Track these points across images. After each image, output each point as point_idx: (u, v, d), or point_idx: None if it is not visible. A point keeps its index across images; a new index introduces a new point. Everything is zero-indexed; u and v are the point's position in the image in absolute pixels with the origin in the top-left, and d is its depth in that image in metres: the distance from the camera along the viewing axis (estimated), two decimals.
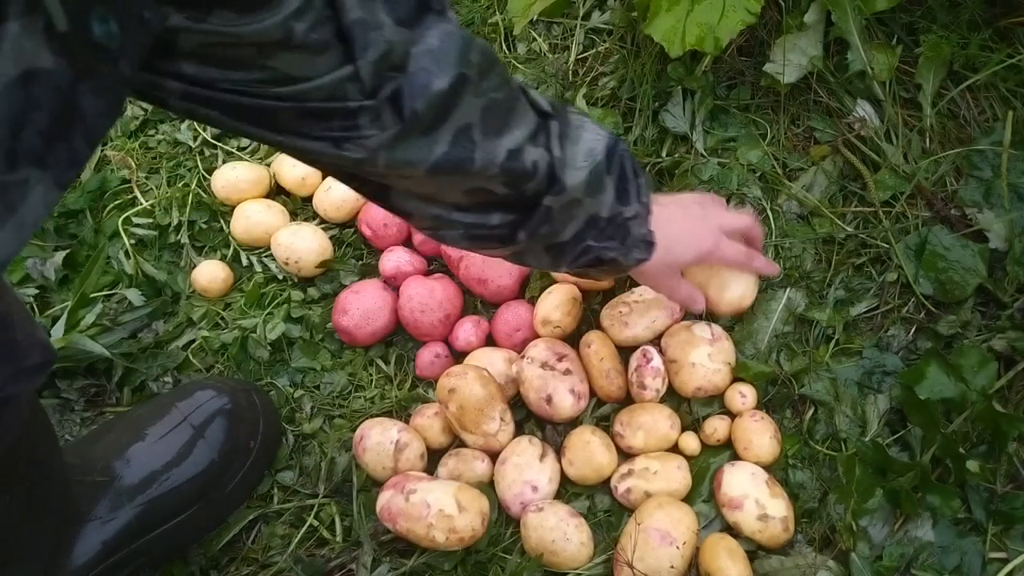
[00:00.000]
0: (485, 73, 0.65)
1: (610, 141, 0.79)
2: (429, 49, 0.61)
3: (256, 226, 1.14)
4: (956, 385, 0.97)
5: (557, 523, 0.94)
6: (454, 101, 0.63)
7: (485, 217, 0.73)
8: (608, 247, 0.81)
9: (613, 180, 0.79)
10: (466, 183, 0.69)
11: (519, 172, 0.70)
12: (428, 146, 0.64)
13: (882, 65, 1.12)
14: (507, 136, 0.69)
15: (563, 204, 0.75)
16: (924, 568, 0.91)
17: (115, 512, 0.91)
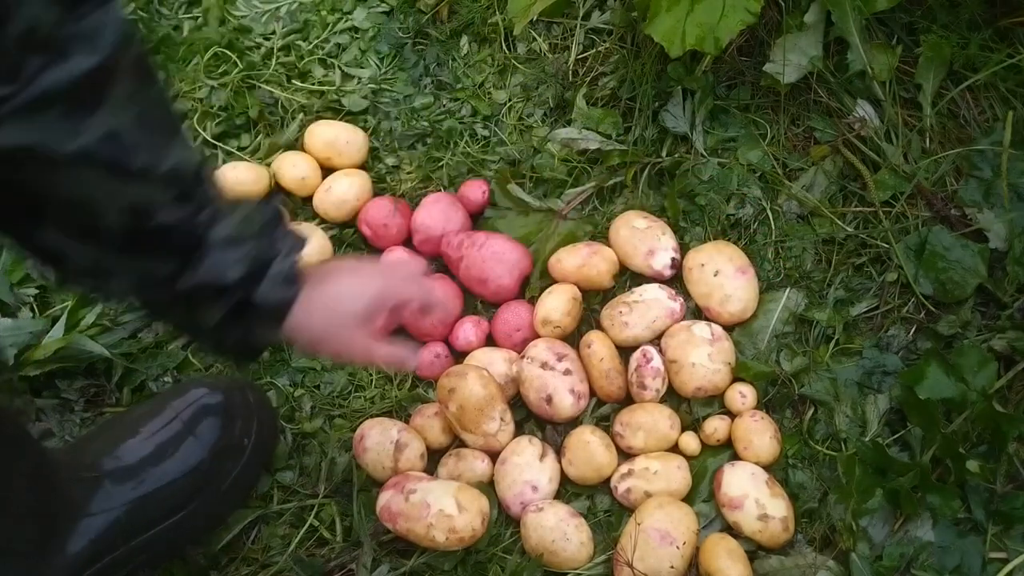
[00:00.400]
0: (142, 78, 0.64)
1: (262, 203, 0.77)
2: (81, 33, 0.58)
3: None
4: (956, 385, 0.97)
5: (557, 523, 0.94)
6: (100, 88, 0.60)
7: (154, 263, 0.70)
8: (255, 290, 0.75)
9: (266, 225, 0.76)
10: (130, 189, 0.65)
11: (189, 186, 0.68)
12: (70, 131, 0.60)
13: (882, 65, 1.12)
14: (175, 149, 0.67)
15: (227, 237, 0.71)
16: (924, 568, 0.91)
17: (105, 508, 0.91)
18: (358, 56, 1.28)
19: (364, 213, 1.15)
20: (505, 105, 1.23)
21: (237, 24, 1.30)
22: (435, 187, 1.18)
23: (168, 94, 0.68)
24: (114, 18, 0.60)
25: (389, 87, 1.25)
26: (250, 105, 1.22)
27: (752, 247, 1.10)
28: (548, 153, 1.17)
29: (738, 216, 1.11)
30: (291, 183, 1.18)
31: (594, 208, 1.16)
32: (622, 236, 1.09)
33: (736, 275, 1.05)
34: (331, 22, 1.30)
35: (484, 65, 1.26)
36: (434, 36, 1.28)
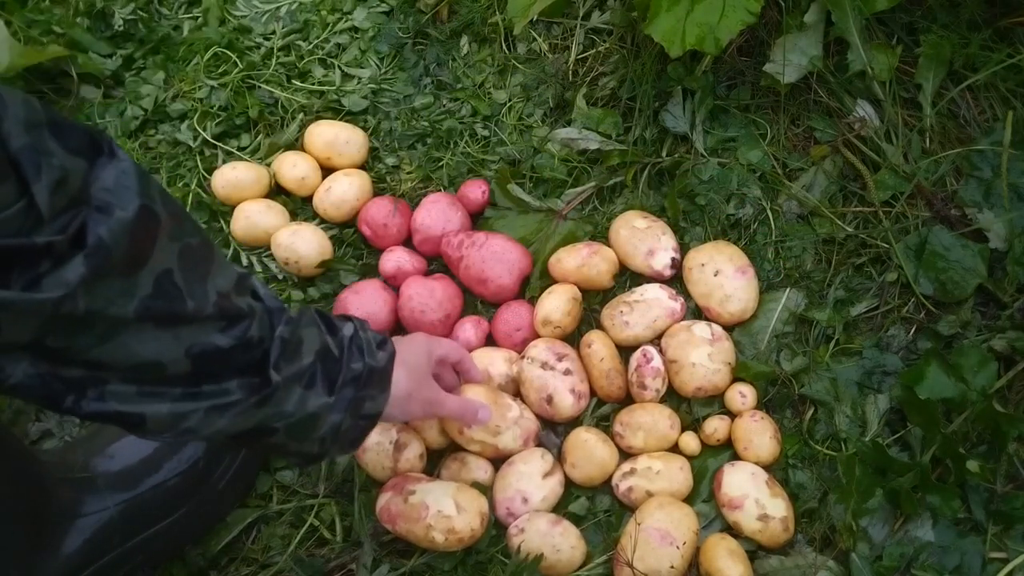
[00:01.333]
0: (175, 214, 0.64)
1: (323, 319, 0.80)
2: (105, 186, 0.59)
3: (256, 226, 1.14)
4: (956, 385, 0.97)
5: (542, 539, 0.93)
6: (145, 237, 0.61)
7: (222, 391, 0.69)
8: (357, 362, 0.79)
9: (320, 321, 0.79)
10: (186, 338, 0.65)
11: (234, 312, 0.68)
12: (128, 288, 0.60)
13: (882, 65, 1.12)
14: (212, 281, 0.67)
15: (287, 337, 0.72)
16: (924, 568, 0.91)
17: (98, 508, 0.91)
18: (358, 56, 1.28)
19: (364, 213, 1.15)
20: (505, 105, 1.23)
21: (237, 24, 1.30)
22: (435, 187, 1.18)
23: (196, 222, 0.68)
24: (128, 162, 0.61)
25: (389, 87, 1.25)
26: (250, 105, 1.22)
27: (752, 247, 1.10)
28: (548, 153, 1.17)
29: (738, 216, 1.11)
30: (291, 183, 1.17)
31: (594, 208, 1.16)
32: (622, 236, 1.09)
33: (736, 275, 1.05)
34: (331, 22, 1.30)
35: (484, 65, 1.26)
36: (434, 36, 1.28)
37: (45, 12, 1.29)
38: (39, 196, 0.54)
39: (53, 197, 0.55)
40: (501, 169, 1.16)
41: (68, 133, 0.57)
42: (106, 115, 1.24)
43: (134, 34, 1.30)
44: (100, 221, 0.58)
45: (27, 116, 0.54)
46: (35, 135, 0.55)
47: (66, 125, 0.57)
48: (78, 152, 0.58)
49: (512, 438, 0.99)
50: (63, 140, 0.56)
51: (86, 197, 0.58)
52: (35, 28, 1.27)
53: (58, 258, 0.56)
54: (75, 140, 0.58)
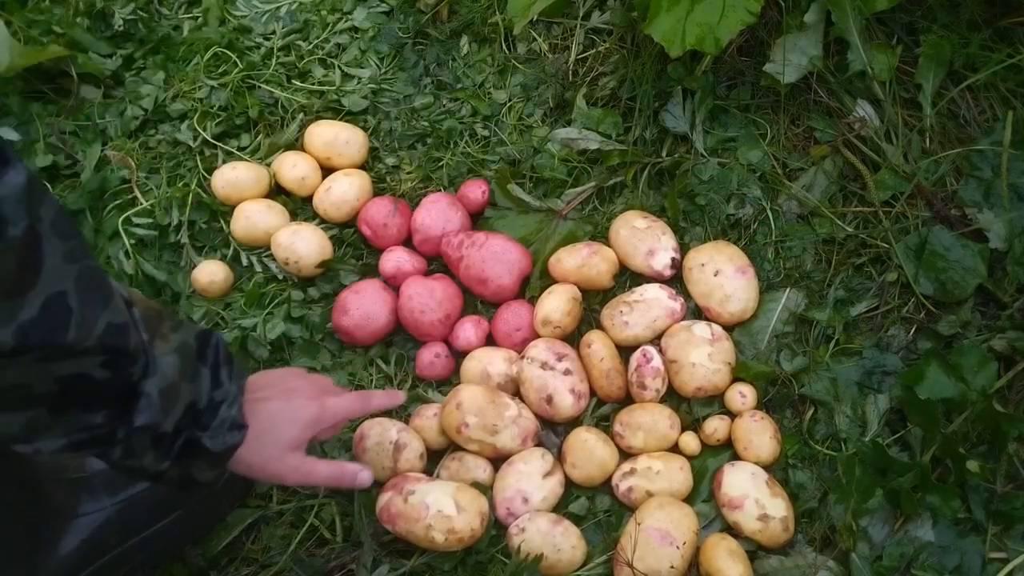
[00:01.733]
0: (66, 234, 0.60)
1: (201, 333, 0.77)
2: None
3: (256, 226, 1.14)
4: (956, 385, 0.97)
5: (543, 538, 0.93)
6: (33, 259, 0.58)
7: (87, 416, 0.67)
8: (202, 435, 0.75)
9: (207, 368, 0.76)
10: (59, 367, 0.63)
11: (121, 350, 0.66)
12: (11, 310, 0.57)
13: (882, 65, 1.12)
14: (109, 309, 0.64)
15: (162, 389, 0.70)
16: (924, 568, 0.91)
17: (94, 509, 0.91)
18: (358, 56, 1.28)
19: (364, 213, 1.15)
20: (505, 105, 1.23)
21: (237, 24, 1.30)
22: (435, 187, 1.18)
23: (88, 249, 0.65)
24: (24, 175, 0.57)
25: (389, 87, 1.25)
26: (250, 105, 1.22)
27: (752, 247, 1.10)
28: (548, 153, 1.17)
29: (738, 216, 1.11)
30: (291, 183, 1.17)
31: (594, 208, 1.16)
32: (622, 236, 1.09)
33: (736, 275, 1.05)
34: (331, 22, 1.30)
35: (484, 65, 1.26)
36: (434, 36, 1.28)
37: (45, 12, 1.29)
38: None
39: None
40: (501, 169, 1.16)
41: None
42: (106, 115, 1.24)
43: (134, 34, 1.30)
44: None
45: None
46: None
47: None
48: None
49: (510, 437, 0.99)
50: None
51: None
52: (35, 28, 1.27)
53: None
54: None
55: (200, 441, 0.75)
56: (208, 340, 0.77)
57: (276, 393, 0.85)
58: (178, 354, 0.73)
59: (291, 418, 0.84)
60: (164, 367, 0.71)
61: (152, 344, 0.70)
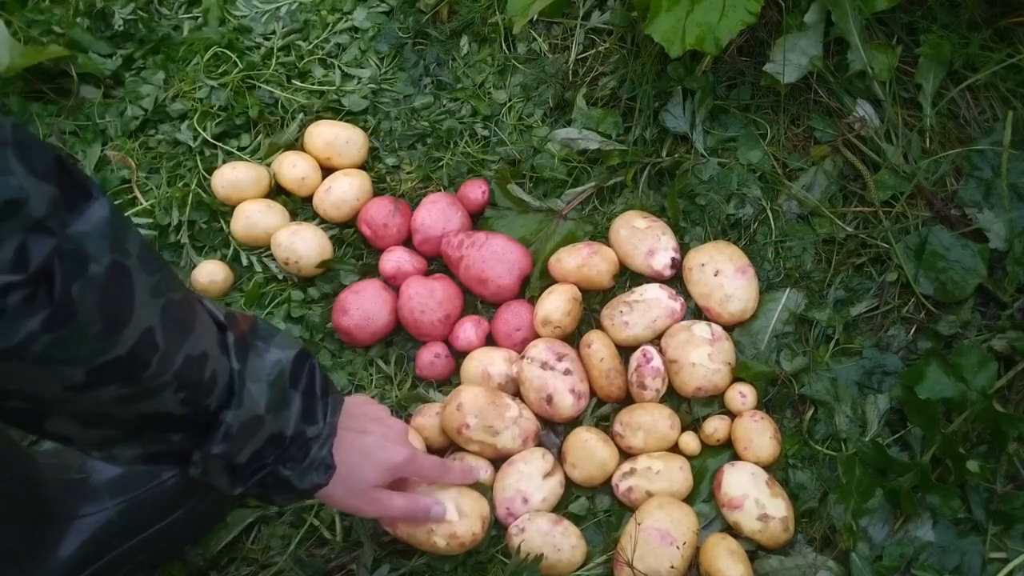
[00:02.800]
0: (152, 268, 0.60)
1: (300, 355, 0.75)
2: (82, 231, 0.55)
3: (256, 226, 1.14)
4: (956, 385, 0.97)
5: (543, 538, 0.93)
6: (121, 295, 0.57)
7: (165, 435, 0.68)
8: (285, 468, 0.75)
9: (299, 396, 0.74)
10: (139, 404, 0.63)
11: (196, 383, 0.65)
12: (103, 348, 0.57)
13: (882, 65, 1.12)
14: (191, 340, 0.64)
15: (244, 421, 0.70)
16: (924, 568, 0.91)
17: (95, 509, 0.91)
18: (358, 56, 1.28)
19: (364, 213, 1.15)
20: (505, 105, 1.23)
21: (237, 24, 1.30)
22: (435, 187, 1.18)
23: (177, 275, 0.64)
24: (107, 209, 0.57)
25: (389, 87, 1.25)
26: (250, 105, 1.22)
27: (752, 247, 1.10)
28: (548, 153, 1.17)
29: (738, 216, 1.11)
30: (291, 183, 1.17)
31: (594, 208, 1.16)
32: (622, 236, 1.09)
33: (736, 275, 1.05)
34: (331, 22, 1.30)
35: (484, 65, 1.26)
36: (434, 36, 1.28)
37: (45, 12, 1.29)
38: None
39: (4, 222, 0.50)
40: (501, 169, 1.16)
41: (36, 156, 0.52)
42: (106, 115, 1.24)
43: (134, 34, 1.30)
44: (72, 274, 0.54)
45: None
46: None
47: (36, 147, 0.53)
48: (45, 177, 0.53)
49: (511, 438, 0.99)
50: (28, 162, 0.52)
51: (54, 229, 0.53)
52: (35, 28, 1.27)
53: (19, 305, 0.51)
54: (43, 164, 0.53)
55: (283, 475, 0.75)
56: (303, 365, 0.75)
57: (371, 428, 0.84)
58: (269, 384, 0.71)
59: (382, 460, 0.83)
60: (249, 400, 0.70)
61: (243, 372, 0.70)
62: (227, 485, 0.74)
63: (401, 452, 0.85)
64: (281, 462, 0.74)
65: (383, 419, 0.87)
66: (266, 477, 0.74)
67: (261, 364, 0.72)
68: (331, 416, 0.78)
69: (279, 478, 0.75)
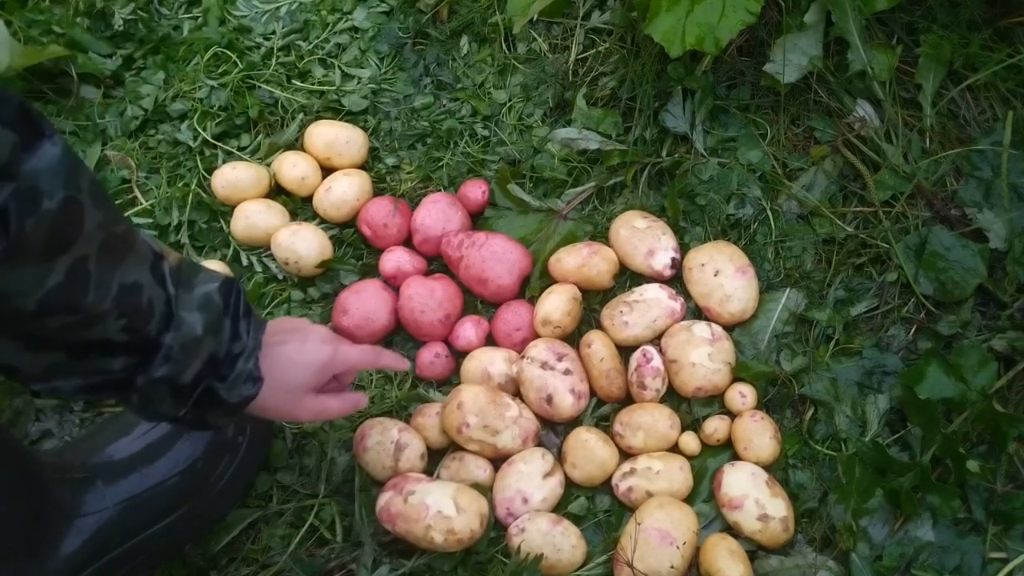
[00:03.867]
0: (100, 202, 0.64)
1: (225, 282, 0.78)
2: (35, 168, 0.58)
3: (256, 226, 1.14)
4: (956, 385, 0.97)
5: (544, 538, 0.93)
6: (71, 227, 0.61)
7: (106, 362, 0.70)
8: (217, 385, 0.78)
9: (228, 320, 0.78)
10: (82, 331, 0.66)
11: (136, 309, 0.68)
12: (41, 276, 0.61)
13: (882, 65, 1.12)
14: (123, 269, 0.67)
15: (183, 343, 0.73)
16: (924, 568, 0.91)
17: (97, 509, 0.91)
18: (358, 56, 1.28)
19: (364, 213, 1.15)
20: (505, 105, 1.23)
21: (237, 24, 1.30)
22: (435, 187, 1.18)
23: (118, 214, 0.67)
24: (61, 148, 0.60)
25: (389, 87, 1.25)
26: (250, 105, 1.22)
27: (752, 247, 1.10)
28: (548, 153, 1.17)
29: (738, 216, 1.11)
30: (291, 183, 1.17)
31: (594, 208, 1.16)
32: (622, 236, 1.09)
33: (736, 275, 1.05)
34: (331, 22, 1.30)
35: (484, 65, 1.26)
36: (434, 36, 1.28)
37: (45, 12, 1.29)
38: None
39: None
40: (501, 169, 1.16)
41: (2, 104, 0.56)
42: (106, 115, 1.24)
43: (134, 34, 1.30)
44: (26, 211, 0.57)
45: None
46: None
47: (2, 96, 0.56)
48: (7, 124, 0.56)
49: (511, 437, 0.99)
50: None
51: (13, 172, 0.56)
52: (35, 28, 1.27)
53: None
54: (7, 112, 0.56)
55: (217, 391, 0.78)
56: (230, 291, 0.78)
57: (292, 337, 0.87)
58: (202, 310, 0.75)
59: (305, 361, 0.86)
60: (187, 322, 0.73)
61: (178, 297, 0.73)
62: (170, 408, 0.77)
63: (323, 350, 0.87)
64: (215, 379, 0.77)
65: (301, 328, 0.89)
66: (200, 396, 0.77)
67: (195, 290, 0.75)
68: (255, 332, 0.80)
69: (212, 396, 0.78)
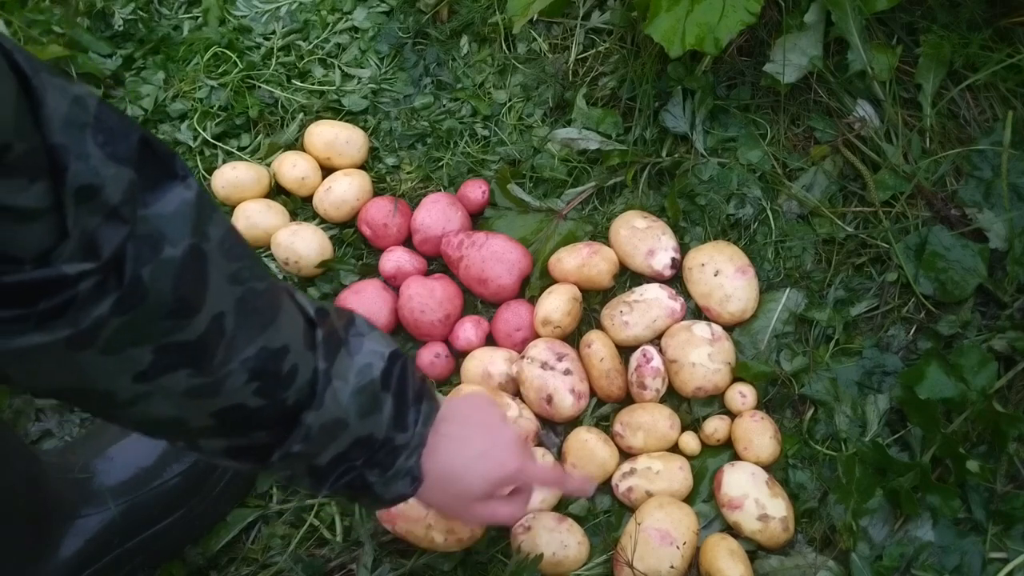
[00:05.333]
0: (233, 255, 0.58)
1: (393, 355, 0.71)
2: (160, 214, 0.53)
3: (256, 226, 1.14)
4: (956, 385, 0.97)
5: (550, 536, 0.94)
6: (197, 280, 0.55)
7: (248, 433, 0.66)
8: (371, 475, 0.72)
9: (391, 399, 0.71)
10: (212, 400, 0.61)
11: (272, 374, 0.62)
12: (172, 333, 0.56)
13: (882, 65, 1.12)
14: (268, 333, 0.61)
15: (324, 423, 0.67)
16: (924, 568, 0.91)
17: (98, 509, 0.91)
18: (358, 56, 1.28)
19: (364, 213, 1.15)
20: (505, 105, 1.23)
21: (237, 24, 1.30)
22: (435, 187, 1.18)
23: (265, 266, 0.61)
24: (194, 192, 0.55)
25: (389, 87, 1.25)
26: (250, 105, 1.22)
27: (752, 247, 1.10)
28: (548, 153, 1.17)
29: (738, 216, 1.11)
30: (291, 183, 1.17)
31: (594, 208, 1.16)
32: (622, 236, 1.09)
33: (736, 275, 1.05)
34: (331, 22, 1.30)
35: (484, 65, 1.26)
36: (434, 36, 1.28)
37: (45, 12, 1.29)
38: (67, 204, 0.49)
39: (79, 207, 0.49)
40: (501, 169, 1.16)
41: (119, 138, 0.51)
42: None
43: (134, 34, 1.30)
44: (144, 257, 0.52)
45: (68, 113, 0.49)
46: (71, 134, 0.48)
47: (119, 130, 0.51)
48: (125, 161, 0.51)
49: None
50: (107, 146, 0.50)
51: (127, 216, 0.51)
52: (35, 28, 1.27)
53: (89, 292, 0.50)
54: (125, 148, 0.51)
55: (367, 481, 0.72)
56: (395, 366, 0.72)
57: (475, 437, 0.78)
58: (357, 386, 0.68)
59: (485, 472, 0.78)
60: (332, 401, 0.67)
61: (330, 371, 0.66)
62: (311, 486, 0.72)
63: (509, 465, 0.79)
64: (368, 467, 0.72)
65: (492, 426, 0.81)
66: (353, 481, 0.72)
67: (350, 363, 0.68)
68: (422, 425, 0.74)
69: (365, 484, 0.72)
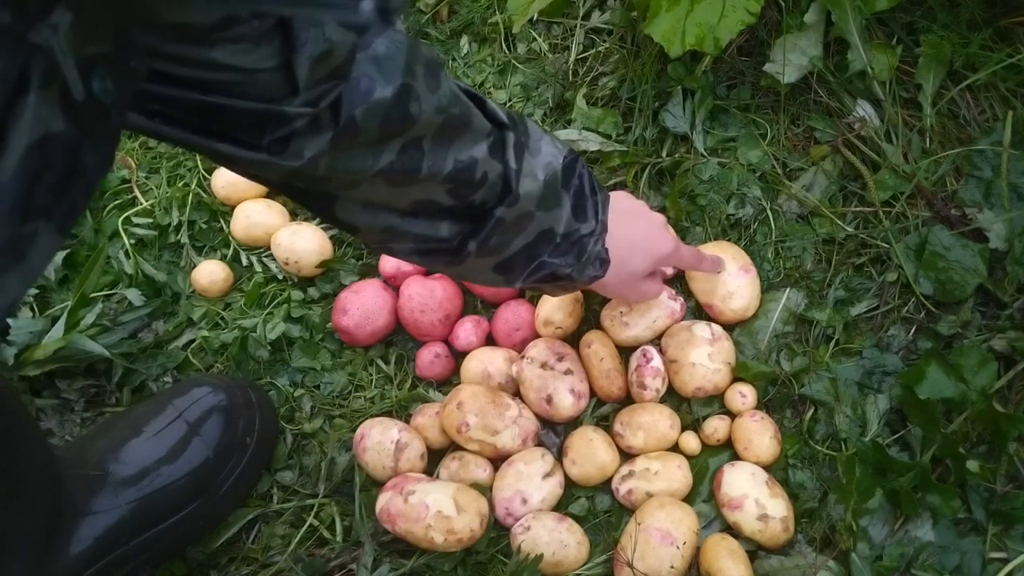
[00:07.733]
0: (434, 84, 0.64)
1: (569, 156, 0.79)
2: (375, 56, 0.59)
3: (256, 226, 1.14)
4: (956, 385, 0.97)
5: (551, 536, 0.94)
6: (400, 117, 0.62)
7: (434, 227, 0.72)
8: (563, 263, 0.80)
9: (570, 195, 0.79)
10: (411, 193, 0.68)
11: (465, 181, 0.70)
12: (373, 157, 0.63)
13: (882, 65, 1.12)
14: (456, 147, 0.68)
15: (515, 216, 0.74)
16: (924, 568, 0.91)
17: (109, 507, 0.91)
18: None
19: None
20: (505, 105, 1.23)
21: None
22: None
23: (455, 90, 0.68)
24: (402, 36, 0.60)
25: None
26: None
27: (752, 247, 1.10)
28: None
29: (738, 216, 1.11)
30: None
31: None
32: None
33: (739, 273, 1.05)
34: None
35: (484, 65, 1.26)
36: (434, 36, 1.28)
37: None
38: (299, 67, 0.54)
39: (313, 69, 0.55)
40: None
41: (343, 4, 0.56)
42: None
43: None
44: (357, 101, 0.58)
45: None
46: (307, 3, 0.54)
47: None
48: (350, 26, 0.57)
49: (511, 437, 0.99)
50: (337, 12, 0.56)
51: (347, 71, 0.58)
52: None
53: (306, 129, 0.58)
54: (348, 12, 0.57)
55: (562, 272, 0.80)
56: (574, 166, 0.79)
57: (638, 222, 0.90)
58: (542, 183, 0.75)
59: (649, 251, 0.91)
60: (523, 194, 0.74)
61: (520, 172, 0.73)
62: (503, 280, 0.80)
63: (668, 243, 0.92)
64: (556, 256, 0.79)
65: (645, 212, 0.93)
66: (545, 275, 0.80)
67: (535, 163, 0.75)
68: (602, 214, 0.82)
69: (559, 275, 0.81)
